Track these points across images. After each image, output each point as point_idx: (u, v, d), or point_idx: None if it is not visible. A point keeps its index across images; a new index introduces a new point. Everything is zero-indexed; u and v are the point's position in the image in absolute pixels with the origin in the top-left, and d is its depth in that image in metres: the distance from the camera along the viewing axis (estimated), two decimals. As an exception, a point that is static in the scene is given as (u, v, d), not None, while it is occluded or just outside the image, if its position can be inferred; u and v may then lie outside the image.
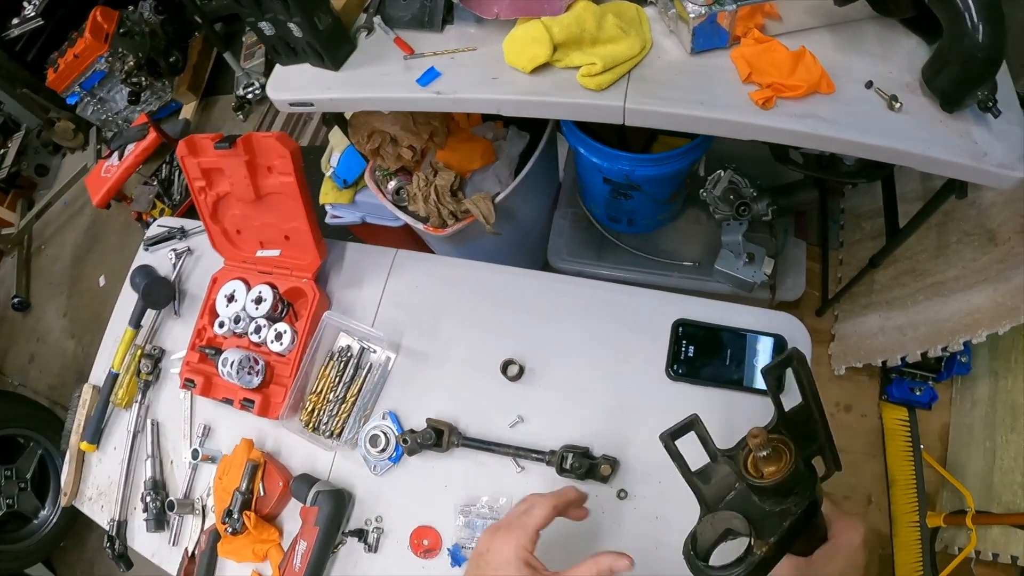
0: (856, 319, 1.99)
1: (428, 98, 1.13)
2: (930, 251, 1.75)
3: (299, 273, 1.21)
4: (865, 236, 2.04)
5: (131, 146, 2.93)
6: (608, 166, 1.22)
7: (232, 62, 3.27)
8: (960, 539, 1.83)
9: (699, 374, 1.01)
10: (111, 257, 3.53)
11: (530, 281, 1.16)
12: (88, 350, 3.25)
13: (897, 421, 2.05)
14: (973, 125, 1.02)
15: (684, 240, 1.50)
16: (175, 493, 1.25)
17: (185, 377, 1.24)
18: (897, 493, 2.00)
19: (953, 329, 1.58)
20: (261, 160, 1.14)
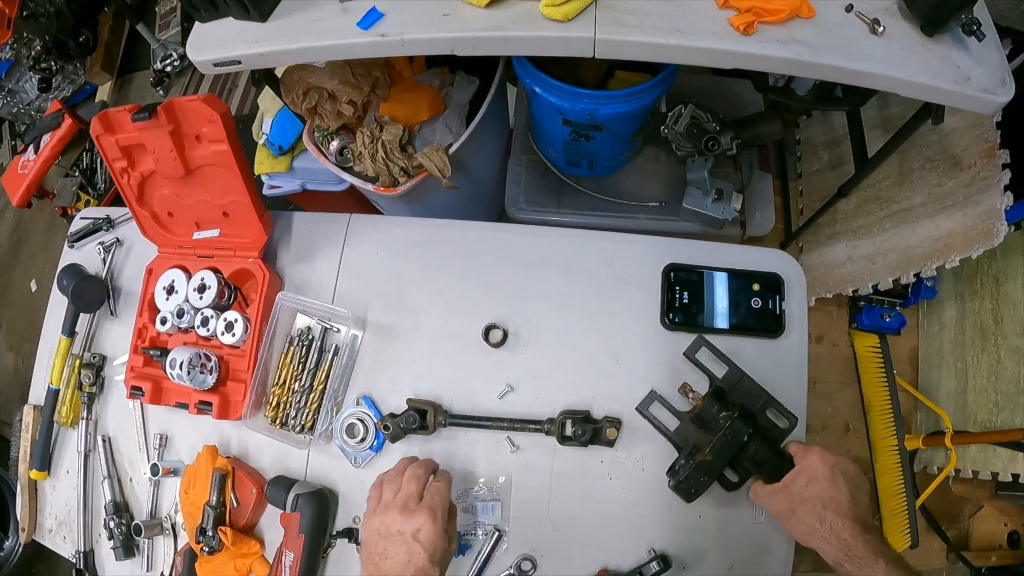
0: (822, 249, 2.00)
1: (371, 42, 1.01)
2: (893, 178, 1.75)
3: (244, 253, 1.09)
4: (823, 166, 2.05)
5: (46, 137, 2.71)
6: (570, 106, 1.13)
7: (146, 34, 3.06)
8: (939, 459, 1.89)
9: (695, 321, 0.96)
10: (39, 259, 3.31)
11: (500, 235, 1.08)
12: (29, 362, 3.01)
13: (869, 348, 2.09)
14: (954, 49, 1.00)
15: (646, 180, 1.44)
16: (140, 514, 1.14)
17: (131, 385, 1.12)
18: (874, 419, 2.06)
19: (924, 255, 1.59)
20: (187, 129, 1.02)
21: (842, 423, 2.09)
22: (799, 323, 0.98)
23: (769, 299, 0.97)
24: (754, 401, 0.92)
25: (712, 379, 0.95)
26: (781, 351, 0.97)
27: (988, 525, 1.99)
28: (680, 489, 0.88)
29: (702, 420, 0.90)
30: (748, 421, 0.86)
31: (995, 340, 1.78)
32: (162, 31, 3.09)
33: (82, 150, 2.88)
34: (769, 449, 0.86)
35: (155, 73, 3.11)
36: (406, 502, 0.79)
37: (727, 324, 0.96)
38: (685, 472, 0.87)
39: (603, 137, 1.21)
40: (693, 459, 0.87)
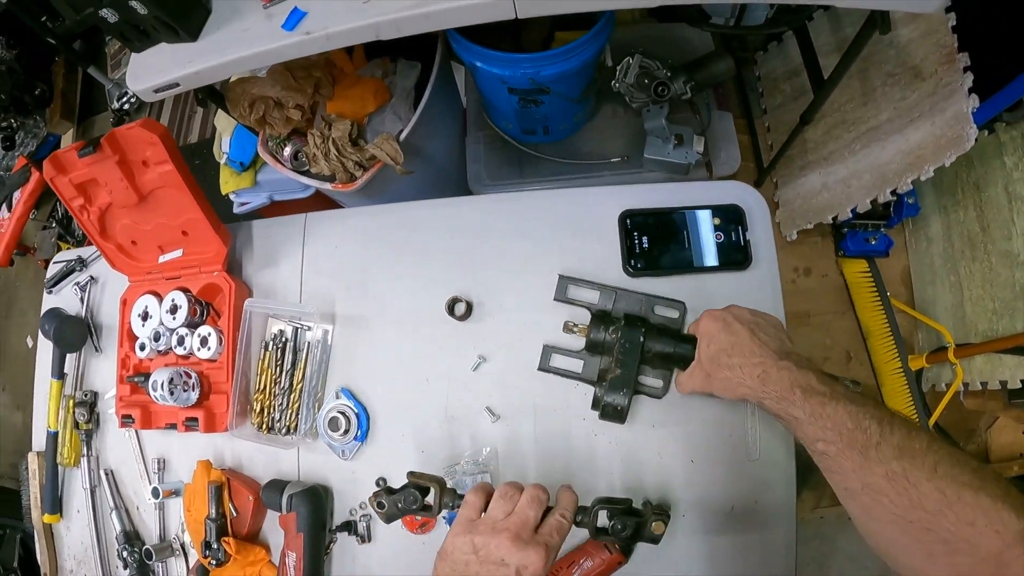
0: (797, 181, 1.98)
1: (298, 41, 1.01)
2: (856, 100, 1.73)
3: (208, 268, 1.10)
4: (787, 98, 2.02)
5: (17, 194, 2.75)
6: (511, 73, 1.13)
7: (99, 76, 3.05)
8: (946, 375, 1.87)
9: (659, 264, 0.96)
10: (31, 315, 3.28)
11: (451, 209, 1.08)
12: (38, 418, 3.09)
13: (859, 274, 2.07)
14: None
15: (606, 137, 1.43)
16: (150, 540, 1.16)
17: (122, 414, 1.14)
18: (875, 344, 2.04)
19: (898, 170, 1.57)
20: (132, 156, 1.03)
21: (843, 352, 2.08)
22: (767, 251, 0.97)
23: (732, 231, 0.96)
24: (637, 307, 0.94)
25: (589, 308, 0.96)
26: (753, 282, 0.96)
27: (1006, 435, 1.98)
28: (608, 414, 0.89)
29: (597, 346, 0.91)
30: (637, 323, 0.89)
31: (984, 247, 1.77)
32: (114, 70, 3.08)
33: (55, 201, 2.90)
34: (670, 339, 0.87)
35: (114, 113, 3.10)
36: (520, 530, 0.68)
37: (692, 262, 0.96)
38: (604, 395, 0.89)
39: (551, 100, 1.20)
40: (606, 381, 0.89)
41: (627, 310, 0.93)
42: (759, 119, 2.18)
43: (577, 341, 0.95)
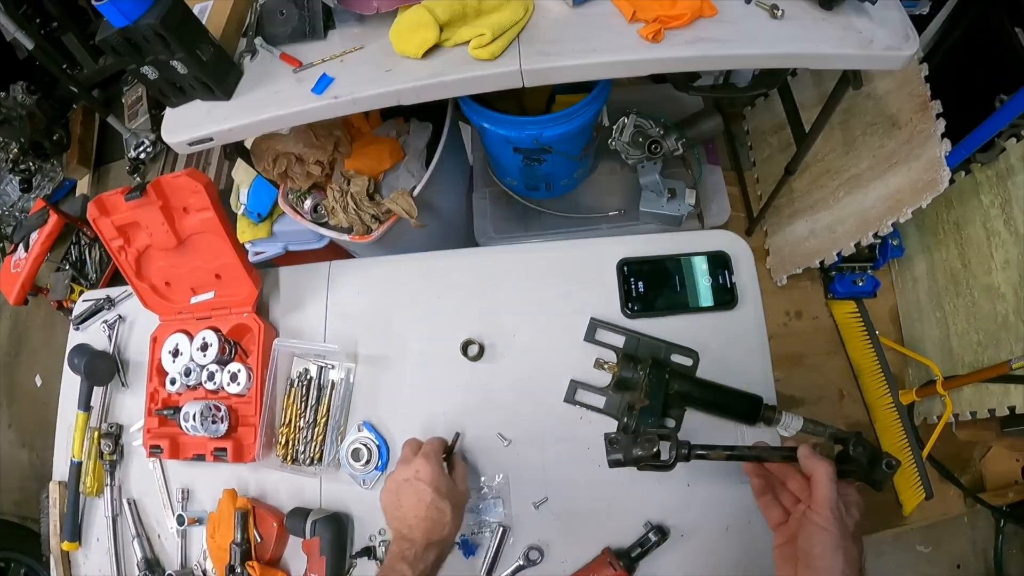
0: (785, 229, 2.07)
1: (326, 105, 1.11)
2: (839, 149, 1.83)
3: (238, 309, 1.18)
4: (774, 151, 2.12)
5: (34, 235, 2.79)
6: (516, 134, 1.23)
7: (117, 125, 3.14)
8: (936, 408, 1.92)
9: (653, 306, 1.04)
10: (41, 355, 3.35)
11: (465, 259, 1.17)
12: (44, 455, 3.05)
13: (848, 315, 2.13)
14: (854, 17, 1.07)
15: (604, 192, 1.53)
16: (171, 567, 1.20)
17: (150, 445, 1.20)
18: (866, 381, 2.09)
19: (879, 214, 1.66)
20: (175, 202, 1.11)
21: (835, 391, 2.13)
22: (752, 293, 1.06)
23: (719, 275, 1.05)
24: (658, 352, 1.02)
25: (616, 351, 1.04)
26: (739, 321, 1.05)
27: (1000, 464, 2.02)
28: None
29: (623, 383, 0.98)
30: (662, 366, 0.98)
31: (967, 282, 1.85)
32: (131, 120, 3.16)
33: (69, 244, 2.95)
34: (690, 383, 0.97)
35: (130, 161, 3.18)
36: (404, 458, 0.89)
37: (684, 304, 1.04)
38: (633, 423, 0.96)
39: (553, 158, 1.30)
40: (634, 411, 0.97)
41: (651, 353, 1.01)
42: (748, 171, 2.27)
43: (602, 377, 1.03)
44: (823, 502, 0.69)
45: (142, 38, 1.13)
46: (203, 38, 1.17)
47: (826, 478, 0.70)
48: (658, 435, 0.79)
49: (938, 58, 1.85)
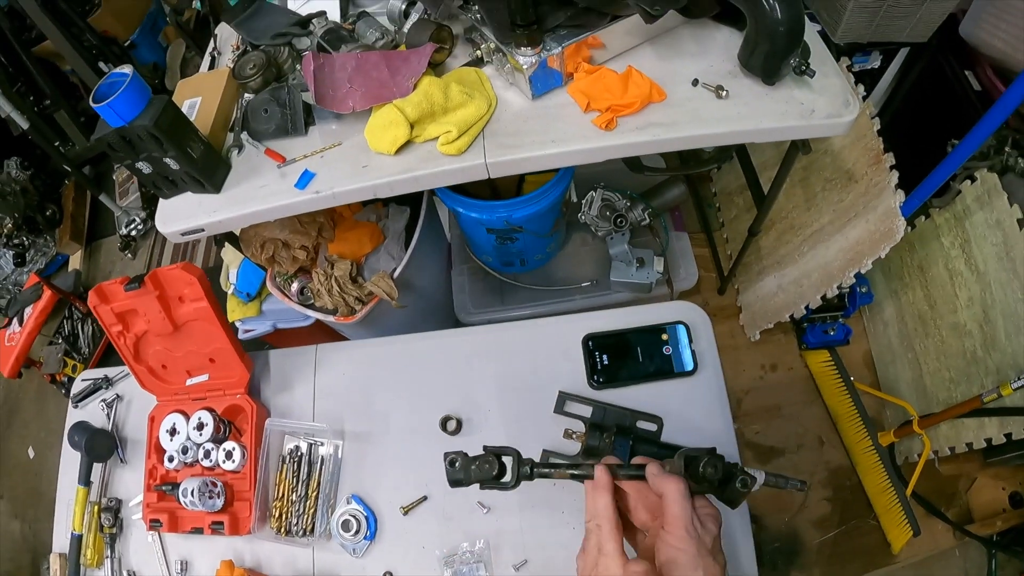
0: (755, 286, 2.13)
1: (309, 199, 1.20)
2: (801, 206, 1.91)
3: (232, 391, 1.24)
4: (741, 211, 2.20)
5: (28, 309, 2.88)
6: (488, 217, 1.31)
7: (109, 203, 3.22)
8: (916, 447, 1.97)
9: (618, 377, 1.11)
10: (33, 427, 3.36)
11: (441, 340, 1.24)
12: (35, 526, 3.07)
13: (822, 364, 2.19)
14: (796, 89, 1.16)
15: (576, 264, 1.62)
16: None
17: (150, 519, 1.24)
18: (845, 426, 2.14)
19: (842, 266, 1.73)
20: (171, 292, 1.18)
21: (815, 439, 2.18)
22: (711, 359, 1.12)
23: (679, 344, 1.12)
24: (624, 420, 1.08)
25: (584, 420, 1.09)
26: (700, 386, 1.11)
27: (986, 494, 2.05)
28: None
29: (591, 451, 1.04)
30: (627, 432, 1.04)
31: (935, 322, 1.91)
32: (122, 198, 3.25)
33: (62, 318, 3.02)
34: (654, 446, 1.03)
35: (121, 238, 3.26)
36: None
37: (647, 372, 1.11)
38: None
39: (525, 237, 1.39)
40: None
41: (616, 422, 1.07)
42: (718, 231, 2.35)
43: (571, 446, 1.09)
44: (676, 521, 0.66)
45: (136, 137, 1.21)
46: (193, 136, 1.26)
47: (677, 495, 0.67)
48: (497, 454, 0.77)
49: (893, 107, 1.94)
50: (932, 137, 1.81)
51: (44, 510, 3.07)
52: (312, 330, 1.76)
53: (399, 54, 1.24)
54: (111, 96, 1.16)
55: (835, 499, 2.10)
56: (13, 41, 3.15)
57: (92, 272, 3.54)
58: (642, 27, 1.21)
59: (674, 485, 0.68)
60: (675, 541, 0.65)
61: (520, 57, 1.17)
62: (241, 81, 1.33)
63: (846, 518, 2.07)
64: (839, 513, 2.08)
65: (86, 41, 3.17)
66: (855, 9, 1.62)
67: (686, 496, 0.67)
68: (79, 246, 3.52)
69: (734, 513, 1.02)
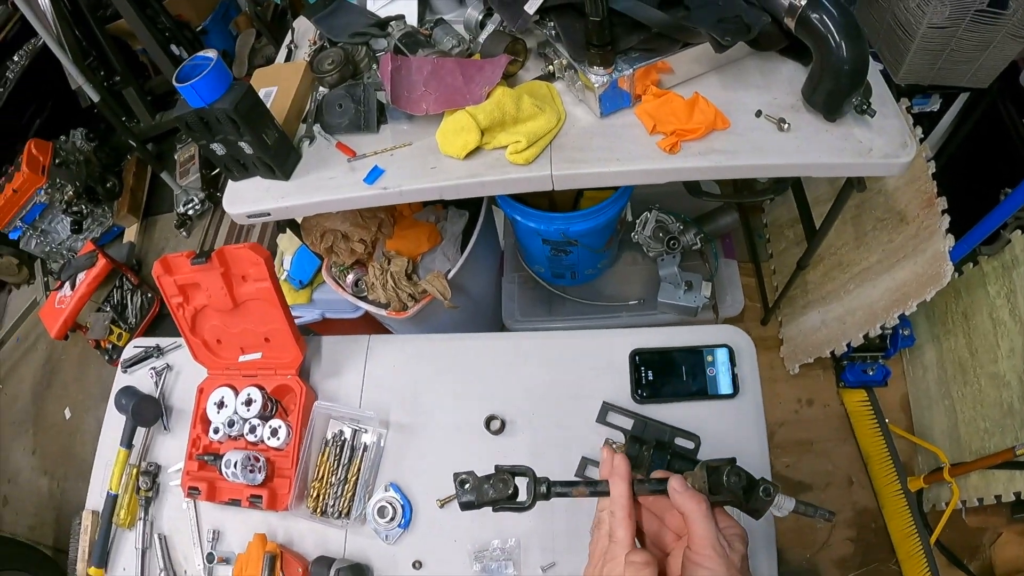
0: (798, 320, 2.13)
1: (376, 194, 1.24)
2: (850, 243, 1.91)
3: (283, 371, 1.28)
4: (790, 244, 2.20)
5: (82, 275, 2.95)
6: (545, 228, 1.34)
7: (170, 181, 3.32)
8: (944, 495, 1.94)
9: (661, 393, 1.13)
10: (72, 389, 3.46)
11: (493, 342, 1.27)
12: (63, 485, 3.17)
13: (859, 403, 2.18)
14: (855, 127, 1.17)
15: (625, 282, 1.64)
16: None
17: (189, 486, 1.27)
18: (875, 468, 2.12)
19: (886, 306, 1.72)
20: (236, 270, 1.22)
21: (844, 478, 2.16)
22: (752, 384, 1.14)
23: (722, 367, 1.14)
24: (663, 435, 1.10)
25: (624, 432, 1.11)
26: (740, 409, 1.12)
27: (1010, 550, 2.01)
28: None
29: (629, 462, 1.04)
30: (665, 447, 1.06)
31: (974, 371, 1.89)
32: (183, 177, 3.36)
33: (113, 287, 3.13)
34: (690, 464, 1.03)
35: (178, 216, 3.36)
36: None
37: (689, 391, 1.13)
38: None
39: (579, 250, 1.41)
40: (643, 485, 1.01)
41: (656, 436, 1.10)
42: (766, 262, 2.35)
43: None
44: (702, 540, 0.63)
45: (215, 119, 1.27)
46: (269, 124, 1.31)
47: (700, 515, 0.64)
48: (512, 473, 0.72)
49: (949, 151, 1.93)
50: (986, 184, 1.80)
51: (74, 470, 3.17)
52: (358, 323, 1.79)
53: (474, 63, 1.28)
54: (194, 78, 1.21)
55: (859, 540, 2.08)
56: (89, 17, 3.28)
57: (146, 246, 3.65)
58: (710, 56, 1.23)
59: (696, 503, 0.65)
60: (703, 560, 0.62)
61: (592, 75, 1.20)
62: (318, 75, 1.38)
63: (867, 560, 2.05)
64: (861, 555, 2.06)
65: (160, 23, 3.28)
66: (918, 51, 1.63)
67: (709, 515, 0.65)
68: (136, 220, 3.63)
69: (759, 539, 1.03)
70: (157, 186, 3.74)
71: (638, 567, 0.62)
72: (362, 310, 1.59)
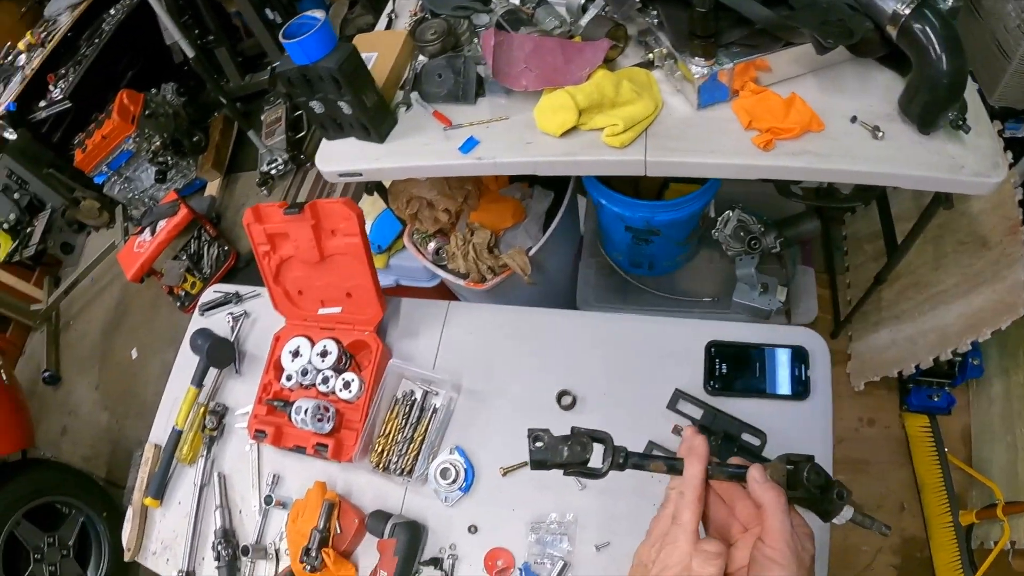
0: (869, 336, 2.09)
1: (471, 163, 1.27)
2: (929, 263, 1.86)
3: (361, 327, 1.32)
4: (868, 258, 2.15)
5: (163, 222, 3.07)
6: (630, 215, 1.35)
7: (256, 139, 3.42)
8: (994, 533, 1.87)
9: (733, 387, 1.13)
10: (141, 331, 3.61)
11: (571, 320, 1.29)
12: (122, 422, 3.30)
13: (920, 428, 2.12)
14: (948, 143, 1.14)
15: (701, 278, 1.64)
16: (244, 540, 1.31)
17: (256, 429, 1.32)
18: (928, 497, 2.06)
19: (959, 331, 1.68)
20: (326, 224, 1.26)
21: (896, 502, 2.11)
22: (823, 388, 1.12)
23: (796, 367, 1.13)
24: (731, 428, 1.10)
25: (693, 421, 1.12)
26: (808, 412, 1.11)
27: None
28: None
29: None
30: (732, 440, 1.06)
31: (1040, 409, 1.81)
32: (268, 138, 3.45)
33: (191, 237, 3.24)
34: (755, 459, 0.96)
35: (260, 175, 3.45)
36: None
37: (761, 388, 1.13)
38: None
39: (660, 240, 1.42)
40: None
41: (724, 428, 1.10)
42: (841, 275, 2.30)
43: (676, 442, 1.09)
44: (777, 535, 0.61)
45: (317, 77, 1.30)
46: (370, 86, 1.34)
47: (778, 509, 0.63)
48: (592, 437, 0.70)
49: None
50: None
51: (134, 408, 3.31)
52: (431, 292, 1.83)
53: (575, 44, 1.30)
54: (301, 35, 1.24)
55: (902, 568, 2.03)
56: (186, -24, 3.40)
57: (226, 200, 3.77)
58: (810, 57, 1.22)
59: (776, 495, 0.64)
60: (775, 555, 0.61)
61: (693, 66, 1.20)
62: (420, 44, 1.41)
63: (909, 590, 2.01)
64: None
65: (255, -14, 3.37)
66: (1015, 73, 1.58)
67: (787, 509, 0.63)
68: (218, 175, 3.76)
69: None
70: (241, 144, 3.86)
71: (709, 556, 0.60)
72: (437, 280, 1.62)
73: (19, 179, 3.85)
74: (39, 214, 4.00)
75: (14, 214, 3.85)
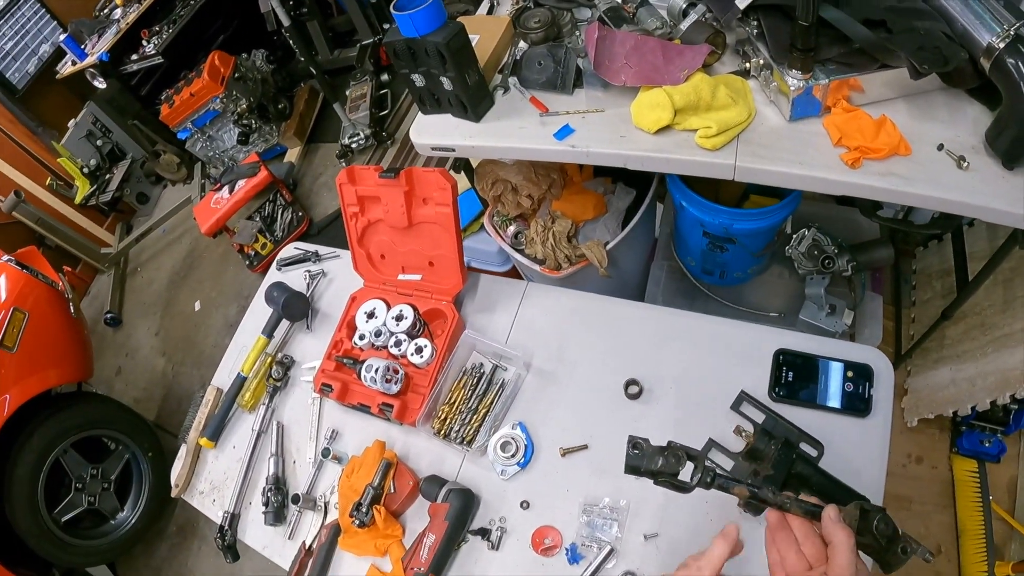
0: (928, 373, 2.06)
1: (564, 150, 1.31)
2: (997, 305, 1.83)
3: (439, 296, 1.36)
4: (936, 295, 2.12)
5: (242, 182, 3.18)
6: (710, 219, 1.38)
7: (340, 112, 3.50)
8: None
9: (797, 396, 1.15)
10: (207, 285, 3.73)
11: (645, 312, 1.31)
12: (178, 369, 3.42)
13: (967, 473, 2.08)
14: None
15: (769, 293, 1.64)
16: (295, 489, 1.35)
17: (322, 383, 1.36)
18: (966, 543, 2.03)
19: (1020, 377, 1.66)
20: (419, 192, 1.30)
21: (934, 545, 2.07)
22: (884, 408, 1.13)
23: (860, 385, 1.14)
24: (791, 436, 1.10)
25: (755, 424, 1.13)
26: (867, 430, 1.12)
27: None
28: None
29: (754, 452, 1.07)
30: (791, 448, 1.06)
31: (1090, 470, 1.77)
32: (352, 112, 3.52)
33: (266, 200, 3.34)
34: (811, 468, 1.03)
35: (341, 147, 3.52)
36: None
37: (824, 401, 1.14)
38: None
39: (735, 249, 1.43)
40: (758, 477, 1.05)
41: (784, 435, 1.10)
42: (907, 309, 2.27)
43: (736, 443, 1.13)
44: (844, 572, 0.67)
45: (423, 51, 1.34)
46: (473, 65, 1.39)
47: (848, 548, 0.68)
48: (687, 454, 0.76)
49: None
50: None
51: (191, 357, 3.44)
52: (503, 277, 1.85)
53: (675, 46, 1.33)
54: (412, 9, 1.28)
55: (934, 612, 2.01)
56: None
57: (304, 169, 3.88)
58: (903, 82, 1.22)
59: (847, 536, 0.69)
60: None
61: (789, 78, 1.22)
62: (523, 31, 1.46)
63: (938, 636, 1.98)
64: (933, 629, 1.99)
65: (352, -35, 3.46)
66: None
67: (855, 550, 0.68)
68: (299, 143, 3.87)
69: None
70: (324, 116, 3.97)
71: None
72: (509, 264, 1.66)
73: (103, 127, 3.98)
74: (119, 163, 4.13)
75: (95, 160, 3.99)
